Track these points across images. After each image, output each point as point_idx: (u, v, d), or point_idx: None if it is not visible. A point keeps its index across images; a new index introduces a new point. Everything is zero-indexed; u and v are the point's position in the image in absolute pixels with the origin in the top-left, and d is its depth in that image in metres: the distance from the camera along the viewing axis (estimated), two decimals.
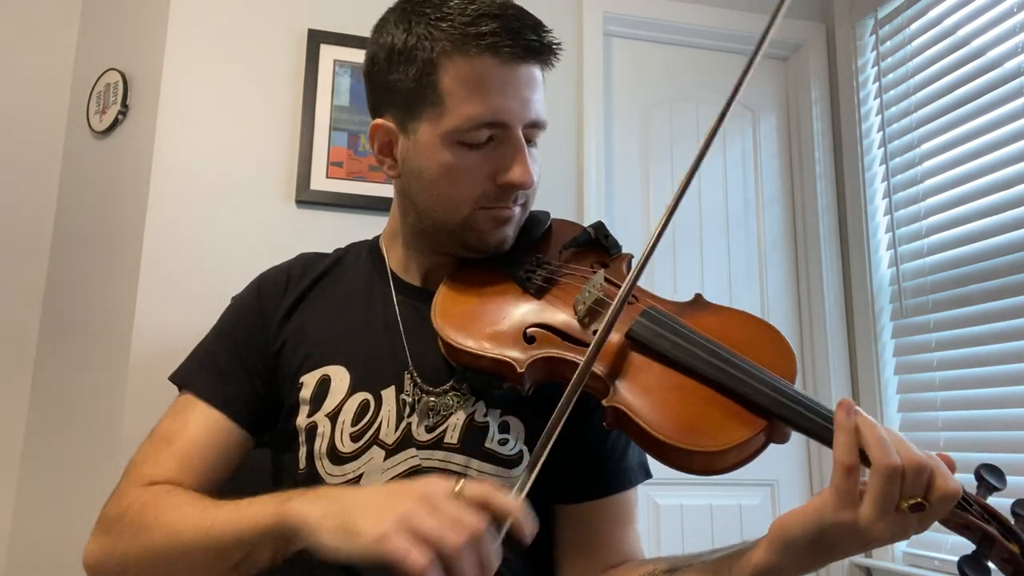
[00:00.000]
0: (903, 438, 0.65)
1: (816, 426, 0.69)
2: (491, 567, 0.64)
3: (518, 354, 0.83)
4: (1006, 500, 0.70)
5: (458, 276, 0.94)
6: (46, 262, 2.24)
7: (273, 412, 0.96)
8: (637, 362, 0.80)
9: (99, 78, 2.16)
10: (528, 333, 0.85)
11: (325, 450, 0.89)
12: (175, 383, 0.97)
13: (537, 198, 0.96)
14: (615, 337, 0.81)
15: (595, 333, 0.77)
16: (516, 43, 0.84)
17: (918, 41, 2.21)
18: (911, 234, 2.19)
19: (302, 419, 0.91)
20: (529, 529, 0.66)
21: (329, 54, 2.09)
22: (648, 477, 0.97)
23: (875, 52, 2.38)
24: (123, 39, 2.19)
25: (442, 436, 0.88)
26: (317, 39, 2.09)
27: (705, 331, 0.80)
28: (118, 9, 2.26)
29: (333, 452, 0.89)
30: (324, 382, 0.92)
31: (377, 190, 2.03)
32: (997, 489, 0.69)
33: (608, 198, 2.31)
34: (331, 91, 2.08)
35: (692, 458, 0.73)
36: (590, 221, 1.25)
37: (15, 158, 2.25)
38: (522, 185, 0.88)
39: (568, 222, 1.04)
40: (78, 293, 2.13)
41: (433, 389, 0.90)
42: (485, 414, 0.89)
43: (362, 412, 0.90)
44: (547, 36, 0.87)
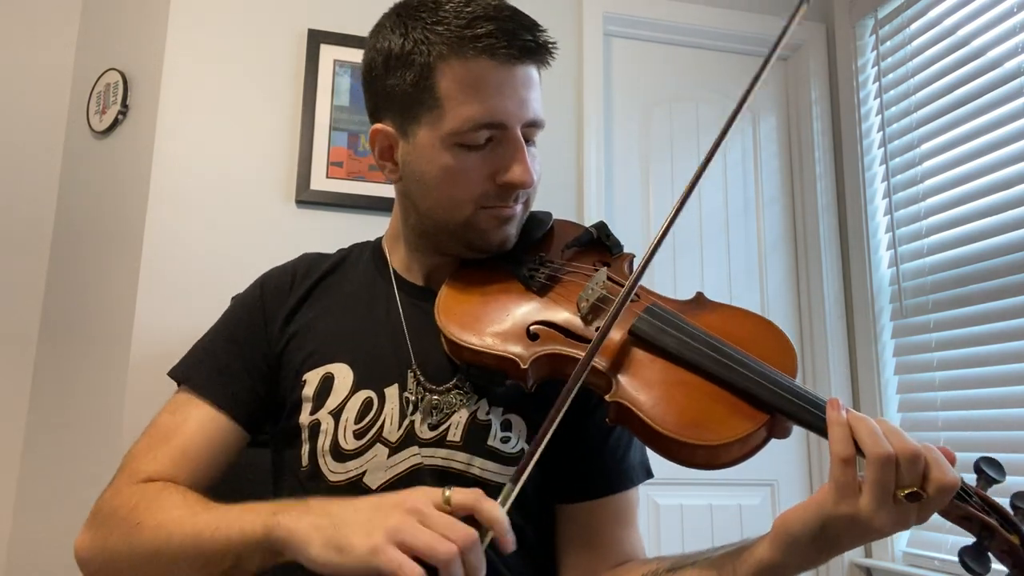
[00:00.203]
0: (897, 428, 0.66)
1: (817, 420, 0.70)
2: (479, 575, 0.65)
3: (521, 351, 0.83)
4: (1005, 499, 0.70)
5: (461, 275, 0.95)
6: (46, 262, 2.24)
7: (272, 411, 0.96)
8: (640, 358, 0.80)
9: (99, 78, 2.16)
10: (531, 330, 0.86)
11: (328, 447, 0.89)
12: (174, 378, 0.97)
13: (537, 198, 0.97)
14: (618, 334, 0.81)
15: (598, 330, 0.77)
16: (512, 44, 0.84)
17: (918, 41, 2.21)
18: (911, 234, 2.19)
19: (305, 416, 0.91)
20: (510, 543, 0.67)
21: (329, 54, 2.09)
22: (649, 477, 0.97)
23: (875, 52, 2.38)
24: (123, 39, 2.19)
25: (445, 434, 0.88)
26: (317, 39, 2.09)
27: (707, 328, 0.81)
28: (118, 9, 2.26)
29: (336, 449, 0.89)
30: (327, 380, 0.92)
31: (377, 190, 2.03)
32: (997, 482, 0.70)
33: (608, 198, 2.31)
34: (331, 91, 2.08)
35: (695, 452, 0.73)
36: (590, 221, 1.26)
37: (15, 158, 2.25)
38: (522, 184, 0.88)
39: (570, 222, 1.04)
40: (78, 293, 2.13)
41: (436, 387, 0.90)
42: (488, 412, 0.89)
43: (365, 410, 0.90)
44: (542, 36, 0.88)
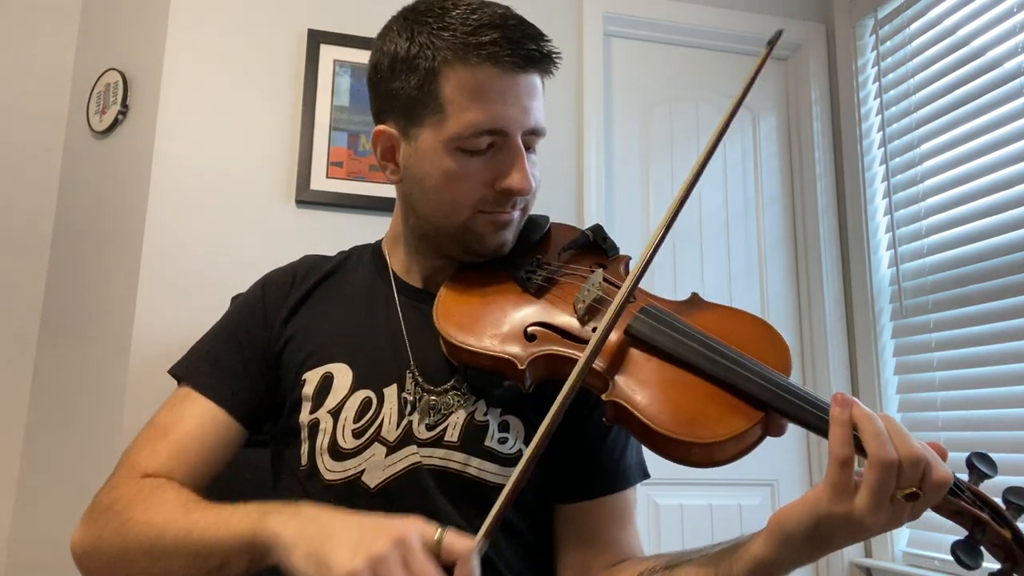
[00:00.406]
0: (900, 428, 0.66)
1: (812, 417, 0.71)
2: None
3: (518, 351, 0.84)
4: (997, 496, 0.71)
5: (459, 277, 0.95)
6: (46, 262, 2.24)
7: (272, 410, 0.97)
8: (636, 358, 0.81)
9: (99, 78, 2.17)
10: (528, 331, 0.86)
11: (327, 446, 0.90)
12: (175, 376, 0.98)
13: (538, 198, 0.98)
14: (614, 334, 0.82)
15: (594, 330, 0.78)
16: (516, 53, 0.86)
17: (918, 41, 2.21)
18: (911, 234, 2.19)
19: (304, 416, 0.92)
20: None
21: (329, 54, 2.09)
22: (646, 477, 0.98)
23: (875, 52, 2.38)
24: (123, 39, 2.20)
25: (442, 434, 0.89)
26: (317, 39, 2.09)
27: (702, 328, 0.82)
28: (118, 9, 2.26)
29: (335, 448, 0.89)
30: (327, 379, 0.93)
31: (377, 190, 2.03)
32: (988, 476, 0.71)
33: (608, 198, 2.31)
34: (331, 91, 2.08)
35: (691, 450, 0.74)
36: (590, 221, 1.26)
37: (15, 158, 2.25)
38: (521, 191, 0.90)
39: (567, 226, 1.05)
40: (78, 293, 2.13)
41: (434, 388, 0.91)
42: (485, 413, 0.90)
43: (364, 409, 0.91)
44: (547, 45, 0.89)
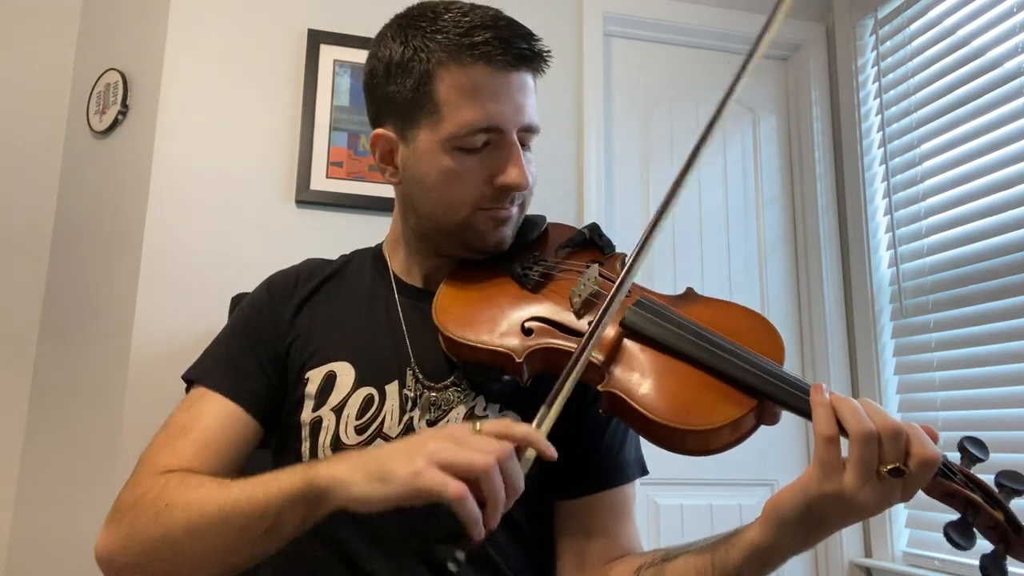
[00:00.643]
0: (879, 407, 0.68)
1: (803, 403, 0.72)
2: (519, 488, 0.69)
3: (516, 345, 0.86)
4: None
5: (458, 275, 0.97)
6: (46, 262, 2.24)
7: (285, 405, 0.98)
8: (631, 349, 0.82)
9: (99, 78, 2.17)
10: (526, 326, 0.88)
11: (329, 442, 0.91)
12: (189, 380, 0.97)
13: (538, 197, 1.00)
14: (609, 327, 0.83)
15: (590, 324, 0.79)
16: (508, 52, 0.88)
17: (918, 41, 2.22)
18: (911, 234, 2.20)
19: (306, 414, 0.93)
20: (552, 453, 0.71)
21: (329, 54, 2.10)
22: (644, 473, 0.99)
23: (875, 52, 2.38)
24: (123, 39, 2.20)
25: None
26: (317, 39, 2.10)
27: (696, 319, 0.83)
28: (118, 9, 2.26)
29: (337, 444, 0.90)
30: (330, 377, 0.94)
31: (377, 190, 2.03)
32: (980, 460, 0.71)
33: (608, 198, 2.31)
34: (331, 91, 2.08)
35: (687, 438, 0.75)
36: (590, 221, 1.28)
37: (15, 158, 2.25)
38: (518, 187, 0.91)
39: (564, 225, 1.07)
40: (78, 293, 2.13)
41: (434, 384, 0.93)
42: (484, 408, 0.91)
43: (366, 406, 0.92)
44: (537, 45, 0.91)
